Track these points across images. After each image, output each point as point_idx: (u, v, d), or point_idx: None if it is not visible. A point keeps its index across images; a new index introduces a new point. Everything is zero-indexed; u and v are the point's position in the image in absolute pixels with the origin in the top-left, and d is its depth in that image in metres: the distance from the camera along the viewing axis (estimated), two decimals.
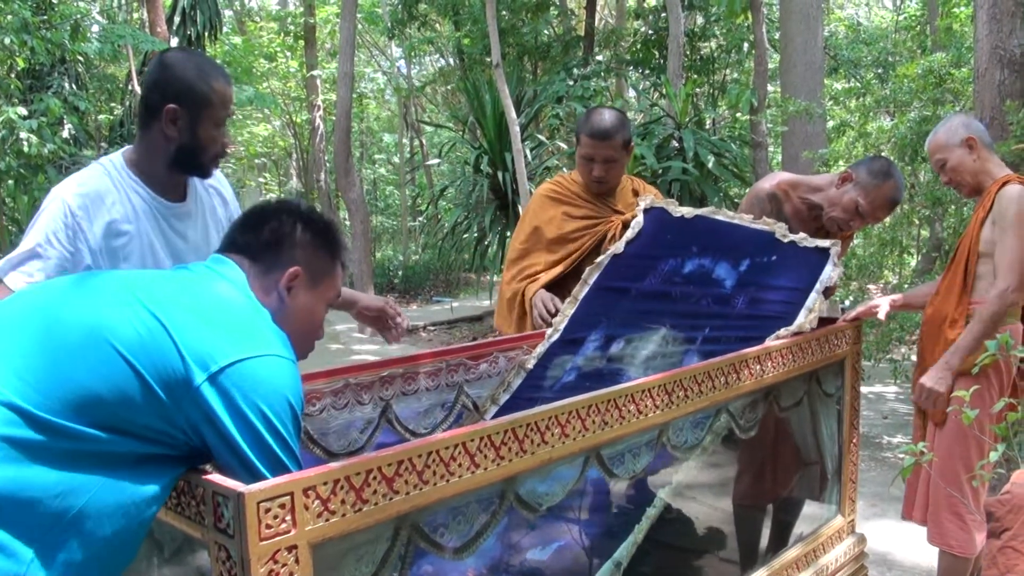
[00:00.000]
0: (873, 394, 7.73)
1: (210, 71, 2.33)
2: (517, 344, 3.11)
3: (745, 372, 2.44)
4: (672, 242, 3.19)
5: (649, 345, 2.85)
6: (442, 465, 1.64)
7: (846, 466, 3.12)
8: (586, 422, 1.91)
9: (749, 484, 3.21)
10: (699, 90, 14.38)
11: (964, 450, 3.20)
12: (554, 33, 15.71)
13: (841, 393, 3.06)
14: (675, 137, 9.14)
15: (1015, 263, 3.14)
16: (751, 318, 2.84)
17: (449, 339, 12.13)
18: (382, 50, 24.96)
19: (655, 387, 2.11)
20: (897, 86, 6.43)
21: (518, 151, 9.16)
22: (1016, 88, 5.44)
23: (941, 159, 3.42)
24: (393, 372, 2.68)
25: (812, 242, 3.01)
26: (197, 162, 2.38)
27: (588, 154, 3.54)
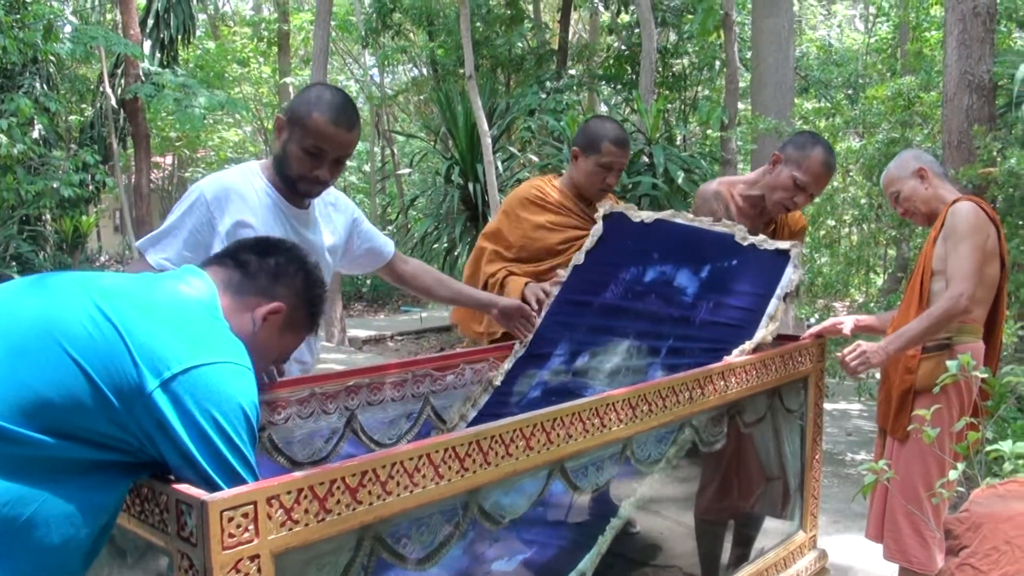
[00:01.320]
0: (838, 411, 7.80)
1: (322, 104, 2.55)
2: (483, 356, 3.12)
3: (709, 387, 2.46)
4: (632, 249, 3.19)
5: (614, 358, 2.87)
6: (406, 476, 1.65)
7: (808, 482, 3.15)
8: (551, 435, 1.93)
9: (711, 499, 3.23)
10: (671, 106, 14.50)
11: (924, 468, 3.24)
12: (528, 46, 15.78)
13: (804, 410, 3.09)
14: (645, 152, 9.18)
15: (968, 273, 3.18)
16: (714, 327, 2.86)
17: (417, 349, 12.11)
18: (355, 58, 24.94)
19: (620, 401, 2.13)
20: (866, 107, 6.51)
21: (489, 163, 9.18)
22: (984, 113, 5.53)
23: (895, 191, 3.50)
24: (359, 382, 2.68)
25: (772, 244, 3.03)
26: (284, 175, 2.62)
27: (609, 162, 3.53)
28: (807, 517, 3.18)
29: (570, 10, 15.86)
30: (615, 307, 3.08)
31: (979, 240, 3.23)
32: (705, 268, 3.05)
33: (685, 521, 3.28)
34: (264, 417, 2.46)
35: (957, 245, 3.23)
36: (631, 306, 3.06)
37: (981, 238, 3.23)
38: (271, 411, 2.47)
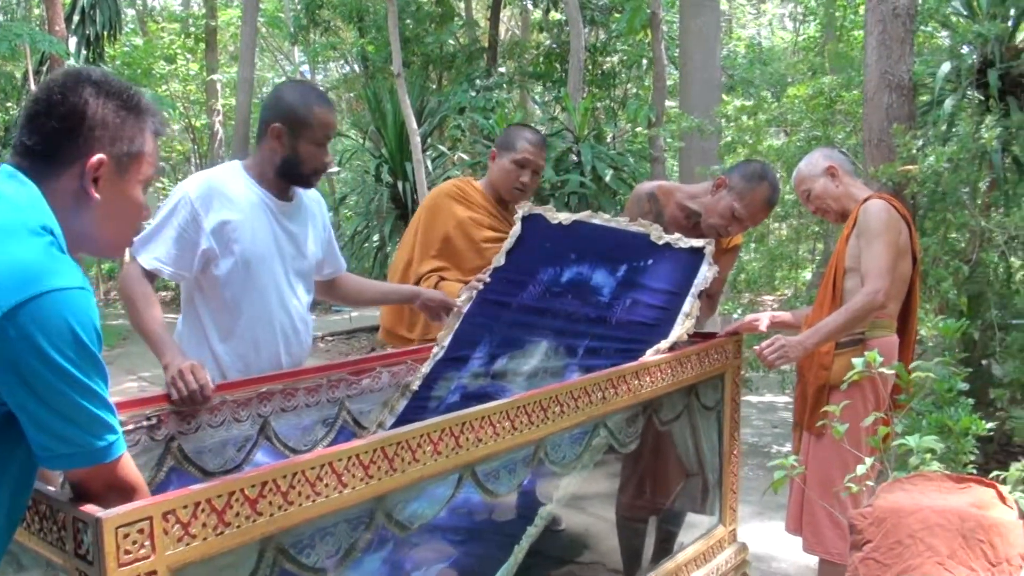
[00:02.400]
0: (764, 403, 7.91)
1: (312, 98, 2.78)
2: (401, 359, 3.09)
3: (623, 387, 2.47)
4: (551, 250, 3.20)
5: (532, 360, 2.86)
6: (308, 485, 1.62)
7: (727, 477, 3.18)
8: (460, 439, 1.91)
9: (632, 496, 3.26)
10: (600, 104, 14.55)
11: (841, 462, 3.27)
12: (458, 43, 15.74)
13: (721, 406, 3.12)
14: (574, 150, 9.23)
15: (883, 270, 3.22)
16: (630, 326, 2.88)
17: (348, 350, 12.01)
18: (287, 55, 24.67)
19: (531, 403, 2.12)
20: (789, 106, 6.59)
21: (418, 161, 9.14)
22: (903, 112, 5.61)
23: (806, 189, 3.54)
24: (272, 388, 2.64)
25: (687, 243, 3.06)
26: (298, 173, 2.81)
27: (524, 159, 3.59)
28: (726, 511, 3.21)
29: (499, 8, 15.86)
30: (533, 308, 3.08)
31: (891, 237, 3.28)
32: (621, 268, 3.06)
33: (609, 517, 3.31)
34: (174, 427, 2.41)
35: (870, 243, 3.28)
36: (549, 306, 3.06)
37: (893, 235, 3.29)
38: (181, 420, 2.42)
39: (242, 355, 2.79)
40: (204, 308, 2.79)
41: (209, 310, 2.79)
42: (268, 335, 2.83)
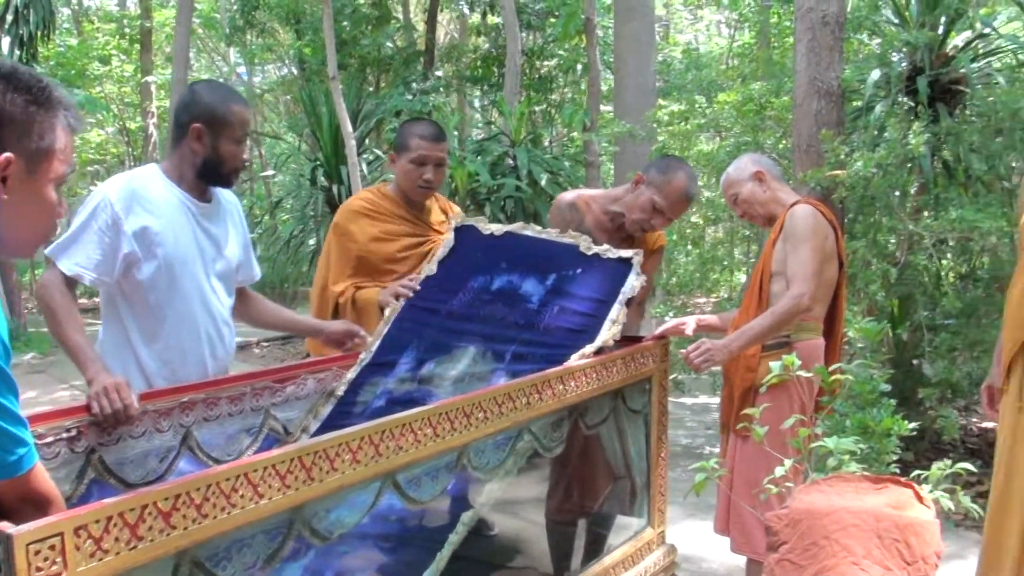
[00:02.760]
0: (698, 405, 7.99)
1: (229, 96, 2.81)
2: (327, 366, 3.07)
3: (548, 392, 2.48)
4: (482, 259, 3.22)
5: (459, 365, 2.86)
6: (223, 497, 1.60)
7: (655, 480, 3.21)
8: (379, 447, 1.90)
9: (560, 499, 3.27)
10: (538, 108, 14.61)
11: (766, 464, 3.30)
12: (396, 47, 15.68)
13: (648, 410, 3.15)
14: (510, 155, 9.25)
15: (809, 274, 3.28)
16: (558, 331, 2.90)
17: (284, 355, 11.90)
18: (223, 56, 24.36)
19: (453, 409, 2.12)
20: (719, 111, 6.68)
21: (353, 164, 9.09)
22: (832, 118, 5.72)
23: (734, 193, 3.58)
24: (194, 397, 2.60)
25: (615, 253, 3.10)
26: (219, 173, 2.82)
27: (421, 156, 3.55)
28: (655, 513, 3.24)
29: (437, 11, 15.83)
30: (462, 314, 3.09)
31: (817, 242, 3.34)
32: (551, 276, 3.09)
33: (541, 521, 3.32)
34: (94, 438, 2.37)
35: (797, 247, 3.33)
36: (478, 313, 3.07)
37: (819, 240, 3.34)
38: (101, 432, 2.38)
39: (167, 360, 2.76)
40: (127, 313, 2.76)
41: (132, 315, 2.75)
42: (193, 339, 2.80)
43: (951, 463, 2.36)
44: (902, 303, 5.90)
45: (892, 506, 2.13)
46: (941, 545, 2.09)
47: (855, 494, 2.16)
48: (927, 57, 5.75)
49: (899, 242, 5.34)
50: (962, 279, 6.02)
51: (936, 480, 2.34)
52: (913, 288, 5.43)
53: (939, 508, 2.24)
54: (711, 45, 20.52)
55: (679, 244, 6.71)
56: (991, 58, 6.31)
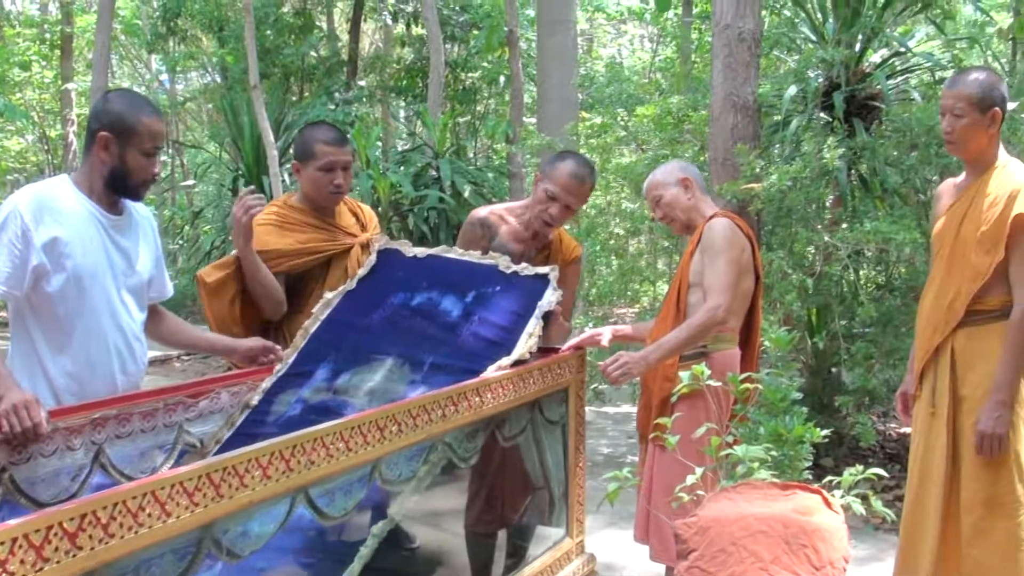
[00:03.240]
0: (620, 415, 8.05)
1: (140, 106, 2.73)
2: (241, 379, 3.03)
3: (463, 404, 2.48)
4: (403, 279, 3.24)
5: (375, 376, 2.86)
6: (130, 516, 1.58)
7: (573, 490, 3.23)
8: (290, 462, 1.89)
9: (480, 510, 3.28)
10: (462, 120, 14.63)
11: (682, 472, 3.33)
12: (319, 56, 15.58)
13: (566, 420, 3.17)
14: (433, 166, 9.25)
15: (725, 286, 3.34)
16: (476, 344, 2.92)
17: (204, 369, 11.70)
18: (146, 63, 23.89)
19: (366, 423, 2.11)
20: (638, 125, 6.77)
21: (275, 175, 8.99)
22: (748, 132, 5.82)
23: (657, 195, 3.61)
24: (106, 414, 2.54)
25: (532, 270, 3.15)
26: (126, 185, 2.75)
27: (327, 163, 3.47)
28: (573, 524, 3.25)
29: (360, 21, 15.77)
30: (381, 329, 3.09)
31: (734, 254, 3.40)
32: (470, 294, 3.14)
33: (462, 533, 3.32)
34: (4, 457, 2.31)
35: (713, 259, 3.38)
36: (396, 327, 3.08)
37: (736, 252, 3.41)
38: (12, 450, 2.32)
39: (76, 375, 2.70)
40: (35, 327, 2.69)
41: (41, 329, 2.69)
42: (102, 354, 2.75)
43: (863, 468, 2.42)
44: (819, 313, 6.03)
45: (800, 512, 2.18)
46: (849, 550, 2.15)
47: (763, 501, 2.20)
48: (843, 74, 5.89)
49: (816, 253, 5.46)
50: (879, 289, 6.18)
51: (848, 485, 2.40)
52: (830, 298, 5.55)
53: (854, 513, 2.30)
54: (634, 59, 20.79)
55: (601, 255, 6.77)
56: (907, 75, 6.50)
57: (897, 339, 5.32)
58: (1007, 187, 3.19)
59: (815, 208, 5.67)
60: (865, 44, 6.19)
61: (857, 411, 5.30)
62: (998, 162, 3.27)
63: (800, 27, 6.91)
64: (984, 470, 3.19)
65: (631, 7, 17.78)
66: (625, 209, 6.45)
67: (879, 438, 6.04)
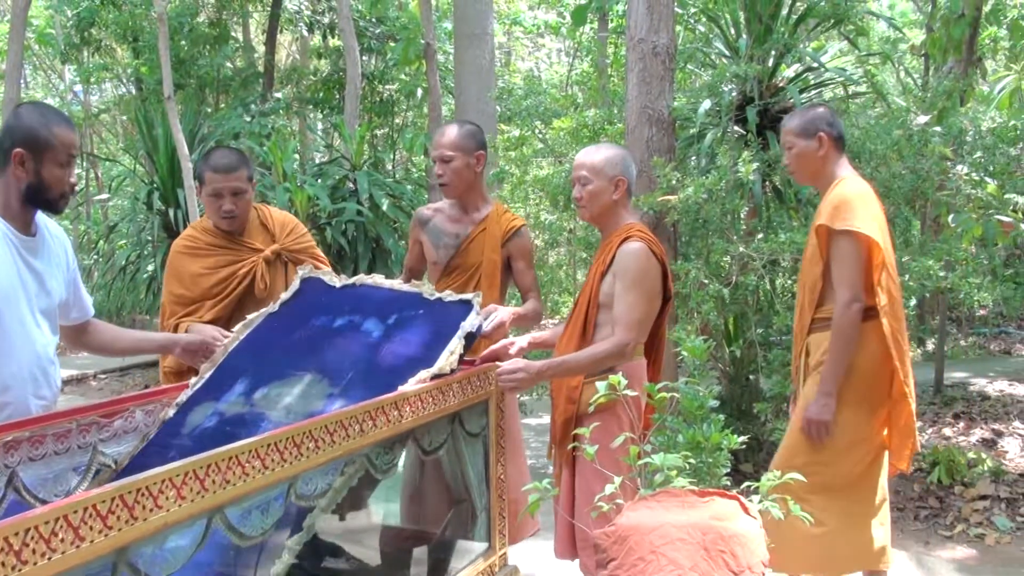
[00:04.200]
0: (542, 426, 8.06)
1: (52, 118, 2.70)
2: (156, 397, 2.98)
3: (382, 418, 2.47)
4: (326, 303, 3.26)
5: (294, 390, 2.83)
6: (42, 542, 1.53)
7: (494, 502, 3.23)
8: (205, 482, 1.86)
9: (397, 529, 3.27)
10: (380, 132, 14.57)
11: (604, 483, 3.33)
12: (235, 67, 15.38)
13: (486, 432, 3.17)
14: (350, 178, 9.20)
15: (636, 323, 3.33)
16: (395, 359, 2.92)
17: (121, 387, 11.44)
18: (60, 74, 23.27)
19: (283, 440, 2.09)
20: (555, 138, 6.83)
21: (190, 188, 8.80)
22: (663, 144, 5.90)
23: (587, 179, 3.44)
24: (18, 436, 2.47)
25: (456, 296, 3.20)
26: (45, 199, 2.71)
27: (215, 189, 3.61)
28: (495, 536, 3.25)
29: (276, 32, 15.62)
30: (301, 347, 3.08)
31: (647, 286, 3.37)
32: (392, 317, 3.15)
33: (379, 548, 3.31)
34: None
35: (626, 291, 3.34)
36: (316, 346, 3.07)
37: (649, 284, 3.38)
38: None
39: None
40: None
41: None
42: (15, 378, 2.68)
43: (780, 474, 2.47)
44: (736, 321, 6.14)
45: (717, 518, 2.22)
46: (766, 554, 2.19)
47: (681, 508, 2.24)
48: (757, 88, 6.01)
49: (732, 263, 5.56)
50: (794, 297, 6.27)
51: (766, 491, 2.44)
52: (746, 307, 5.65)
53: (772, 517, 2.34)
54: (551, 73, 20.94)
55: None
56: (821, 89, 6.66)
57: None
58: (826, 201, 3.56)
59: (730, 219, 5.76)
60: (778, 59, 6.34)
61: (775, 417, 5.39)
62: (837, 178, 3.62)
63: (714, 42, 7.05)
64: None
65: (548, 21, 17.91)
66: (544, 221, 6.49)
67: None
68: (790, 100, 6.03)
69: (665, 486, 2.39)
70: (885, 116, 6.05)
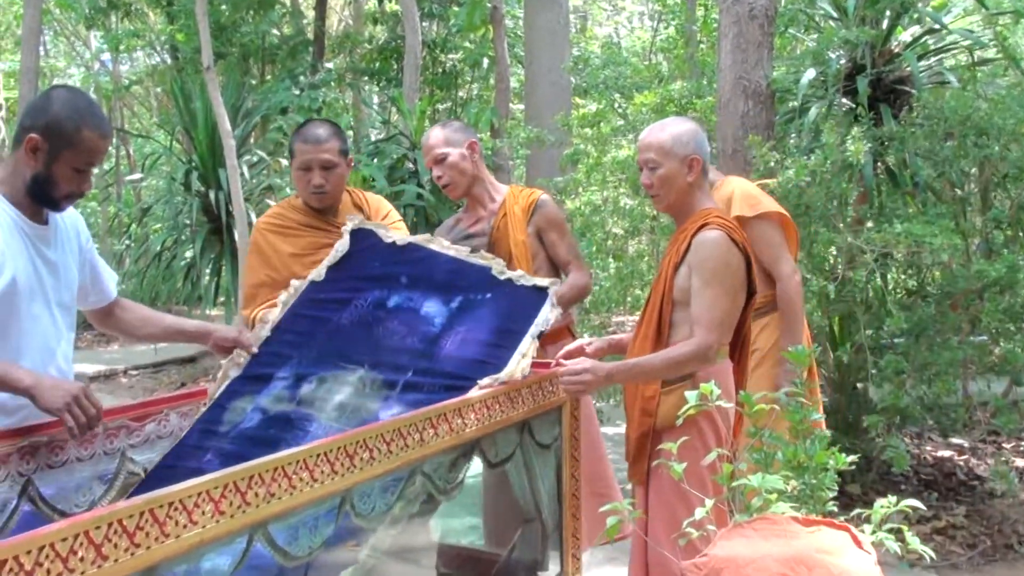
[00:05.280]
0: (620, 435, 7.98)
1: (87, 116, 2.60)
2: (194, 400, 2.99)
3: (443, 427, 2.44)
4: (379, 270, 3.18)
5: (344, 388, 2.79)
6: (59, 562, 1.53)
7: (567, 521, 3.19)
8: (247, 496, 1.85)
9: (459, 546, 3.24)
10: (442, 107, 14.59)
11: (687, 506, 3.23)
12: (281, 34, 15.52)
13: (559, 443, 3.13)
14: (409, 158, 9.21)
15: (715, 322, 3.20)
16: (459, 361, 2.87)
17: (155, 385, 11.61)
18: (85, 41, 23.74)
19: (333, 449, 2.07)
20: (636, 113, 6.74)
21: (233, 167, 8.92)
22: (761, 120, 5.76)
23: (657, 162, 3.35)
24: (36, 441, 2.49)
25: (530, 280, 3.12)
26: (49, 195, 2.65)
27: (304, 162, 3.61)
28: (567, 560, 3.22)
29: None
30: (352, 331, 3.03)
31: (729, 283, 3.24)
32: (456, 298, 3.08)
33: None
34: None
35: (705, 287, 3.23)
36: (370, 332, 3.02)
37: (731, 280, 3.25)
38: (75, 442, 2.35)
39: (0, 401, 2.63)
40: None
41: None
42: None
43: (896, 499, 2.38)
44: (842, 322, 5.99)
45: (825, 551, 2.14)
46: None
47: (782, 539, 2.17)
48: (868, 55, 5.84)
49: (838, 256, 5.42)
50: (909, 295, 6.09)
51: (880, 519, 2.36)
52: (854, 306, 5.49)
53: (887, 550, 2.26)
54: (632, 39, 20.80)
55: (596, 257, 6.73)
56: (942, 56, 6.47)
57: (931, 352, 5.23)
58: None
59: (837, 205, 5.62)
60: (893, 21, 6.16)
61: (887, 432, 5.26)
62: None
63: (819, 3, 6.88)
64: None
65: None
66: (624, 206, 6.39)
67: (913, 463, 5.98)
68: (907, 68, 5.86)
69: (763, 512, 2.32)
70: (1018, 86, 5.85)
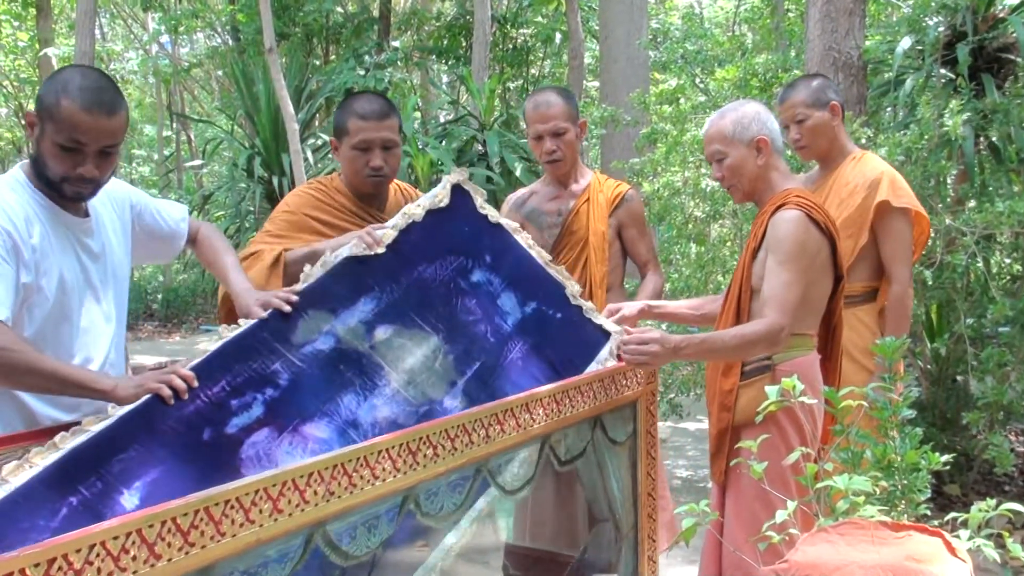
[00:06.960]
0: (701, 431, 7.97)
1: (72, 88, 2.50)
2: None
3: (510, 423, 2.46)
4: (468, 238, 3.16)
5: (418, 352, 2.76)
6: (110, 560, 1.57)
7: (643, 523, 3.19)
8: (305, 494, 1.88)
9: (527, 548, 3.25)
10: (513, 85, 14.61)
11: (767, 508, 3.08)
12: (346, 13, 15.65)
13: (634, 440, 3.13)
14: (479, 139, 9.25)
15: (786, 304, 3.14)
16: (520, 373, 2.91)
17: None
18: (142, 23, 24.14)
19: (395, 446, 2.10)
20: (718, 89, 6.67)
21: (296, 152, 9.01)
22: (852, 94, 5.68)
23: (722, 152, 3.36)
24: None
25: (599, 319, 3.20)
26: (46, 178, 2.59)
27: (363, 141, 3.40)
28: (643, 563, 3.21)
29: None
30: (434, 291, 2.98)
31: (804, 263, 3.19)
32: (531, 304, 3.13)
33: None
34: None
35: (779, 267, 3.18)
36: (448, 298, 2.99)
37: (807, 260, 3.20)
38: None
39: (57, 401, 2.66)
40: None
41: None
42: None
43: (996, 502, 2.32)
44: (940, 310, 5.88)
45: (916, 559, 2.11)
46: None
47: (870, 545, 2.14)
48: (970, 20, 5.70)
49: (936, 238, 5.32)
50: (1014, 281, 5.94)
51: (978, 524, 2.31)
52: (953, 293, 5.40)
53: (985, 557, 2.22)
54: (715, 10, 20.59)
55: (677, 241, 6.69)
56: None
57: None
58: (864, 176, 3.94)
59: (934, 185, 5.52)
60: None
61: (989, 429, 5.16)
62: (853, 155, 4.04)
63: None
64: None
65: None
66: (705, 188, 6.34)
67: (1018, 462, 5.86)
68: (1012, 34, 5.70)
69: (850, 515, 2.30)
70: None
